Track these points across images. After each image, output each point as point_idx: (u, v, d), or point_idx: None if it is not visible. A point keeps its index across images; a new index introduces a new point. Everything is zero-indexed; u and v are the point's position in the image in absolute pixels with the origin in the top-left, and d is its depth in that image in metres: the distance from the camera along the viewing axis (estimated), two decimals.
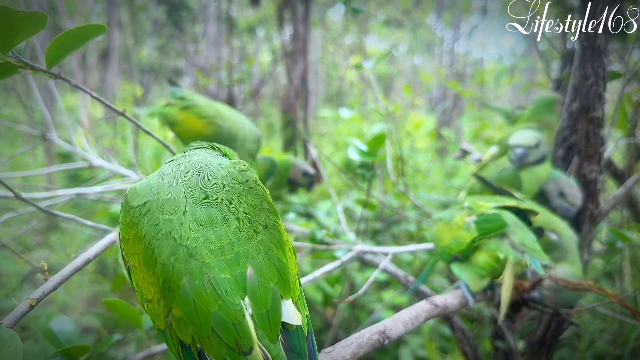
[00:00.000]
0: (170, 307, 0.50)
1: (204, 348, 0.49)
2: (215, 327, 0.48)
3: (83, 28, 0.59)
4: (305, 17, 5.86)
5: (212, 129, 1.06)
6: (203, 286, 0.49)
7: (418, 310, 0.84)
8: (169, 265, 0.50)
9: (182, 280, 0.49)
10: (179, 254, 0.50)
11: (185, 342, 0.49)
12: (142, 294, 0.52)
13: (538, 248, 0.89)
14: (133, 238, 0.52)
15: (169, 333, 0.51)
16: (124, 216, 0.54)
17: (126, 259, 0.55)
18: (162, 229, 0.51)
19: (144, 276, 0.51)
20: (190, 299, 0.49)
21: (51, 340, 0.88)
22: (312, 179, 1.31)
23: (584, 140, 1.28)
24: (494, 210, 0.96)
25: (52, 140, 1.33)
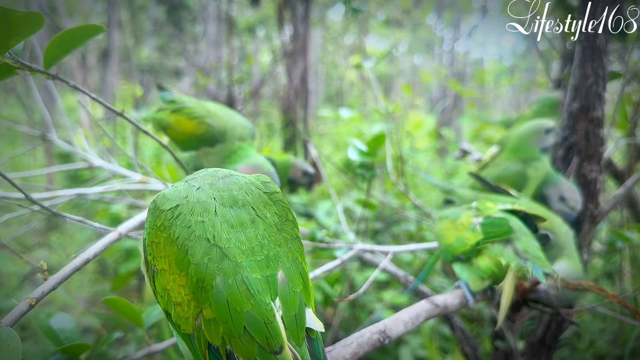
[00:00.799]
0: (202, 308, 0.50)
1: (233, 349, 0.49)
2: (247, 327, 0.49)
3: (81, 28, 0.59)
4: (305, 17, 5.86)
5: (204, 128, 1.08)
6: (236, 285, 0.50)
7: (418, 310, 0.84)
8: (202, 266, 0.50)
9: (215, 280, 0.50)
10: (212, 254, 0.51)
11: (213, 344, 0.50)
12: (170, 298, 0.52)
13: (541, 256, 0.88)
14: (164, 241, 0.53)
15: (196, 337, 0.51)
16: (154, 220, 0.55)
17: (152, 263, 0.54)
18: (195, 230, 0.52)
19: (174, 278, 0.51)
20: (224, 298, 0.49)
21: (51, 338, 0.88)
22: (312, 179, 1.32)
23: (584, 140, 1.28)
24: (501, 214, 0.95)
25: (52, 140, 1.33)
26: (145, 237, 0.56)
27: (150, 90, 8.41)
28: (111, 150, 2.63)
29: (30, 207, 0.89)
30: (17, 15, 0.50)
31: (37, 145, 1.34)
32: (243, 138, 1.12)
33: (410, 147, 4.08)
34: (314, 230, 1.21)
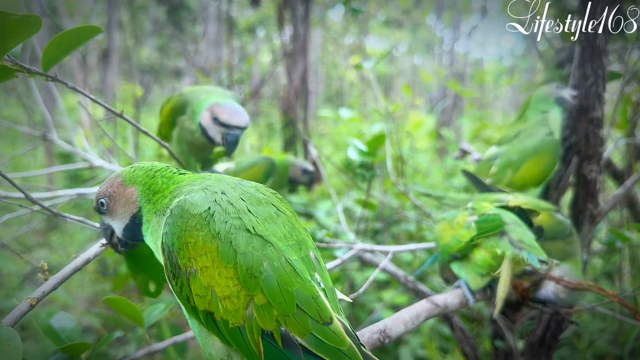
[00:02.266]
0: (252, 295, 0.52)
1: (289, 328, 0.52)
2: (299, 304, 0.52)
3: (79, 29, 0.59)
4: (305, 17, 5.87)
5: (174, 100, 1.10)
6: (282, 267, 0.54)
7: (418, 310, 0.84)
8: (248, 254, 0.53)
9: (263, 266, 0.53)
10: (255, 243, 0.54)
11: (267, 330, 0.51)
12: (215, 295, 0.52)
13: (536, 245, 0.90)
14: (203, 238, 0.54)
15: (247, 326, 0.52)
16: (186, 224, 0.55)
17: (188, 265, 0.54)
18: (234, 224, 0.55)
19: (220, 272, 0.52)
20: (274, 281, 0.52)
21: (52, 337, 0.88)
22: (312, 177, 1.31)
23: (584, 141, 1.28)
24: (495, 210, 0.97)
25: (52, 140, 1.33)
26: (171, 242, 0.56)
27: (151, 90, 8.42)
28: (112, 150, 2.64)
29: (31, 207, 0.89)
30: (14, 18, 0.50)
31: (37, 145, 1.34)
32: (210, 93, 1.08)
33: (410, 147, 4.09)
34: (314, 230, 1.22)
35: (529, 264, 0.86)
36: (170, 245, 0.55)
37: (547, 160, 1.19)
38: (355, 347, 0.54)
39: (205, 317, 0.54)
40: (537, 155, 1.19)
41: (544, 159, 1.19)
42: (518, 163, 1.20)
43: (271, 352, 0.52)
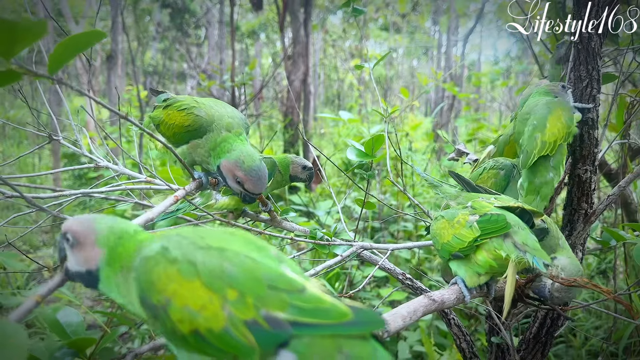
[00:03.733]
0: (223, 294, 0.54)
1: (268, 307, 0.53)
2: (268, 283, 0.54)
3: (84, 34, 0.61)
4: (306, 21, 5.92)
5: (191, 119, 1.05)
6: (243, 262, 0.56)
7: (416, 305, 0.85)
8: (207, 263, 0.56)
9: (223, 266, 0.55)
10: (212, 253, 0.57)
11: (249, 319, 0.53)
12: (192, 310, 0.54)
13: (540, 248, 0.89)
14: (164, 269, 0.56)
15: (231, 325, 0.53)
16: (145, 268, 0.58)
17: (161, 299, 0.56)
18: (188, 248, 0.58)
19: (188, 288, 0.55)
20: (238, 274, 0.55)
21: (58, 332, 0.90)
22: (311, 172, 1.34)
23: (578, 141, 1.30)
24: (497, 210, 0.96)
25: (58, 141, 1.36)
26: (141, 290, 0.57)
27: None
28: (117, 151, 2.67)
29: (38, 206, 0.91)
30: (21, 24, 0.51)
31: (43, 145, 1.37)
32: (230, 128, 1.04)
33: (409, 147, 4.11)
34: (314, 230, 1.24)
35: (535, 268, 0.86)
36: (142, 294, 0.57)
37: (565, 113, 1.20)
38: (337, 301, 0.55)
39: (194, 338, 0.54)
40: (554, 111, 1.20)
41: (562, 112, 1.20)
42: (542, 124, 1.20)
43: (263, 338, 0.52)
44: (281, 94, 7.20)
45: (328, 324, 0.53)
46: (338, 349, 0.53)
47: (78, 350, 0.87)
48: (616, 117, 1.68)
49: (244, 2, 8.38)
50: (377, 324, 0.54)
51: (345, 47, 10.19)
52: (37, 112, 1.47)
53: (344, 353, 0.53)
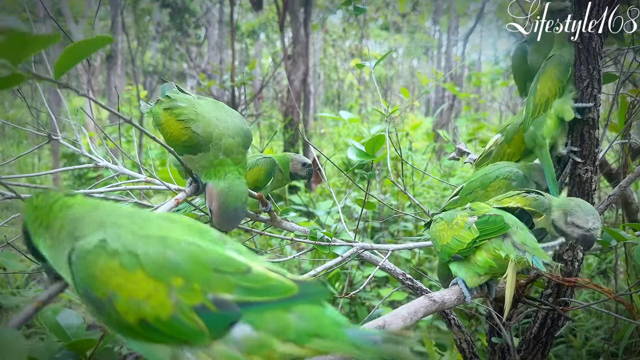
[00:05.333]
0: (169, 282, 0.54)
1: (215, 291, 0.54)
2: (213, 267, 0.55)
3: (90, 40, 0.61)
4: (306, 21, 5.92)
5: (188, 135, 0.98)
6: (186, 247, 0.56)
7: (417, 306, 0.85)
8: (150, 252, 0.56)
9: (166, 254, 0.55)
10: (152, 242, 0.57)
11: (197, 304, 0.53)
12: (138, 300, 0.54)
13: (539, 247, 0.89)
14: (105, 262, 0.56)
15: (179, 311, 0.53)
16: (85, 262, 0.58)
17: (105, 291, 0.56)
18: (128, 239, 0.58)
19: (131, 280, 0.55)
20: (182, 260, 0.55)
21: (58, 334, 0.89)
22: (311, 169, 1.33)
23: (579, 141, 1.30)
24: (495, 211, 0.97)
25: (57, 141, 1.36)
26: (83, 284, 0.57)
27: (155, 92, 8.48)
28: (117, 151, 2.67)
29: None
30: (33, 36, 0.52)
31: (42, 145, 1.37)
32: (229, 152, 0.98)
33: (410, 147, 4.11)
34: (314, 230, 1.24)
35: (534, 268, 0.86)
36: (83, 288, 0.57)
37: (558, 68, 1.24)
38: (283, 277, 0.56)
39: (142, 328, 0.54)
40: (547, 70, 1.25)
41: (553, 69, 1.24)
42: (534, 87, 1.27)
43: (212, 322, 0.53)
44: (281, 93, 7.20)
45: (275, 299, 0.54)
46: (290, 311, 0.55)
47: (79, 352, 0.87)
48: (618, 117, 1.68)
49: (244, 1, 8.38)
50: (322, 294, 0.56)
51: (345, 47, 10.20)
52: (37, 112, 1.47)
53: (295, 314, 0.55)
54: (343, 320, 0.56)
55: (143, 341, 0.56)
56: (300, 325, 0.54)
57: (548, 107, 1.25)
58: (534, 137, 1.30)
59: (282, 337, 0.53)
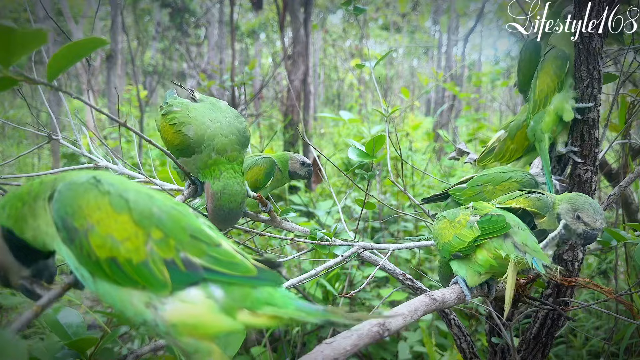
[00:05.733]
0: (149, 232, 0.59)
1: (187, 252, 0.60)
2: (191, 233, 0.61)
3: (84, 41, 0.60)
4: (306, 21, 5.92)
5: (180, 139, 0.99)
6: (170, 210, 0.62)
7: (417, 304, 0.85)
8: (139, 202, 0.61)
9: (153, 209, 0.61)
10: (142, 196, 0.62)
11: (168, 258, 0.59)
12: (115, 239, 0.58)
13: (539, 249, 0.90)
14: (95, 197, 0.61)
15: (150, 260, 0.58)
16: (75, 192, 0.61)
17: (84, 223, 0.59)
18: (119, 187, 0.62)
19: (115, 219, 0.59)
20: (166, 218, 0.61)
21: (59, 333, 0.90)
22: (310, 169, 1.33)
23: (579, 141, 1.30)
24: (498, 211, 0.97)
25: (57, 141, 1.36)
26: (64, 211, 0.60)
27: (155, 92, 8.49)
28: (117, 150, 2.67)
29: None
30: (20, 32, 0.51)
31: (42, 145, 1.37)
32: (222, 151, 0.97)
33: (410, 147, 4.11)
34: (314, 230, 1.24)
35: (533, 269, 0.86)
36: (63, 213, 0.59)
37: (555, 63, 1.25)
38: (246, 260, 0.63)
39: (109, 265, 0.58)
40: (545, 66, 1.28)
41: (551, 65, 1.26)
42: (534, 84, 1.30)
43: (177, 277, 0.58)
44: (281, 93, 7.20)
45: (235, 275, 0.60)
46: (252, 287, 0.62)
47: (79, 351, 0.87)
48: (618, 117, 1.68)
49: (244, 1, 8.38)
50: (276, 281, 0.63)
51: (345, 46, 10.20)
52: (37, 112, 1.46)
53: (255, 289, 0.62)
54: (291, 294, 0.63)
55: (103, 279, 0.59)
56: (257, 296, 0.61)
57: (547, 103, 1.26)
58: (534, 132, 1.31)
59: (241, 304, 0.60)
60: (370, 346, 2.16)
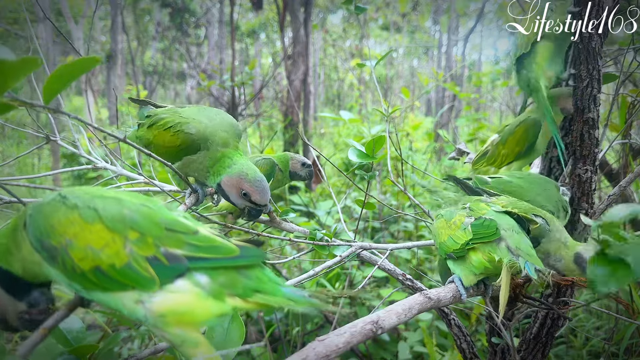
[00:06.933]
0: (125, 235, 0.60)
1: (167, 245, 0.61)
2: (167, 226, 0.62)
3: (79, 62, 0.60)
4: (306, 21, 5.92)
5: (182, 137, 0.99)
6: (141, 209, 0.63)
7: (411, 302, 0.84)
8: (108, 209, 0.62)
9: (123, 212, 0.62)
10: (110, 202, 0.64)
11: (149, 255, 0.59)
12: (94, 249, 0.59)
13: (533, 253, 0.90)
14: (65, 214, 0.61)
15: (133, 261, 0.59)
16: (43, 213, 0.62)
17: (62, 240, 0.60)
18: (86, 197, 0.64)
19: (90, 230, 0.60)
20: (138, 217, 0.62)
21: (59, 339, 0.89)
22: (311, 170, 1.33)
23: (579, 141, 1.30)
24: (492, 215, 0.97)
25: (56, 142, 1.36)
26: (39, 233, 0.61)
27: (155, 92, 8.49)
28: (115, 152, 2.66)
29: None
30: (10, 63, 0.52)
31: (41, 146, 1.37)
32: (227, 143, 1.00)
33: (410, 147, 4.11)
34: (314, 231, 1.24)
35: (525, 272, 0.86)
36: (39, 235, 0.60)
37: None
38: (226, 241, 0.63)
39: (95, 275, 0.59)
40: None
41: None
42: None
43: (162, 271, 0.59)
44: (281, 93, 7.20)
45: (219, 257, 0.62)
46: (237, 271, 0.63)
47: (79, 357, 0.87)
48: (618, 117, 1.67)
49: (244, 1, 8.38)
50: (260, 257, 0.64)
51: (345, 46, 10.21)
52: (36, 112, 1.46)
53: (242, 273, 0.63)
54: (280, 280, 0.65)
55: (93, 289, 0.60)
56: (246, 282, 0.62)
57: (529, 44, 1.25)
58: (527, 82, 1.27)
59: (230, 291, 0.61)
60: (371, 346, 2.16)
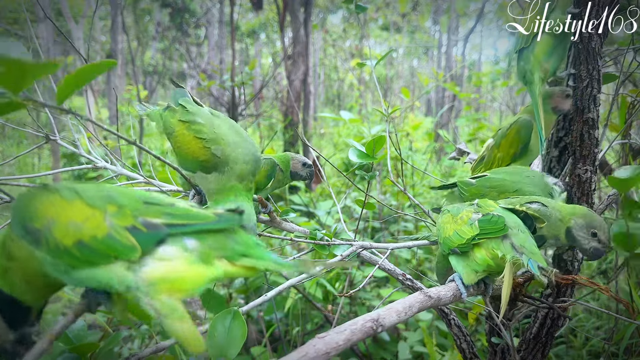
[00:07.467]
0: (104, 210, 0.63)
1: (146, 216, 0.64)
2: (144, 200, 0.66)
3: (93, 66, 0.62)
4: (306, 21, 5.92)
5: (207, 156, 0.99)
6: (118, 188, 0.67)
7: (411, 301, 0.84)
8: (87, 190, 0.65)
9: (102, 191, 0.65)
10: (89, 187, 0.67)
11: (129, 225, 0.62)
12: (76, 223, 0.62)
13: (537, 251, 0.90)
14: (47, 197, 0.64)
15: (113, 232, 0.62)
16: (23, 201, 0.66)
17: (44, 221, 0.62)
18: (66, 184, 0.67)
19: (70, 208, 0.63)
20: (116, 194, 0.65)
21: (60, 338, 0.90)
22: (311, 170, 1.33)
23: (579, 141, 1.30)
24: (500, 212, 0.98)
25: (56, 141, 1.36)
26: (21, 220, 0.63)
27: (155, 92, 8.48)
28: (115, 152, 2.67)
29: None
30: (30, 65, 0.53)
31: (41, 145, 1.37)
32: (242, 177, 1.00)
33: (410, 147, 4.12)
34: (314, 231, 1.24)
35: (528, 270, 0.86)
36: (22, 221, 0.62)
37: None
38: (203, 210, 0.66)
39: (79, 249, 0.60)
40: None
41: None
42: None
43: (143, 239, 0.62)
44: (281, 94, 7.20)
45: (196, 223, 0.65)
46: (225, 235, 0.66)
47: (80, 355, 0.88)
48: (618, 117, 1.67)
49: (244, 1, 8.39)
50: (236, 221, 0.67)
51: (345, 46, 10.22)
52: (37, 112, 1.46)
53: (230, 238, 0.66)
54: (264, 245, 0.68)
55: (80, 266, 0.61)
56: (234, 246, 0.65)
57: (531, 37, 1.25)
58: (523, 73, 1.27)
59: (219, 253, 0.64)
60: (371, 346, 2.16)
